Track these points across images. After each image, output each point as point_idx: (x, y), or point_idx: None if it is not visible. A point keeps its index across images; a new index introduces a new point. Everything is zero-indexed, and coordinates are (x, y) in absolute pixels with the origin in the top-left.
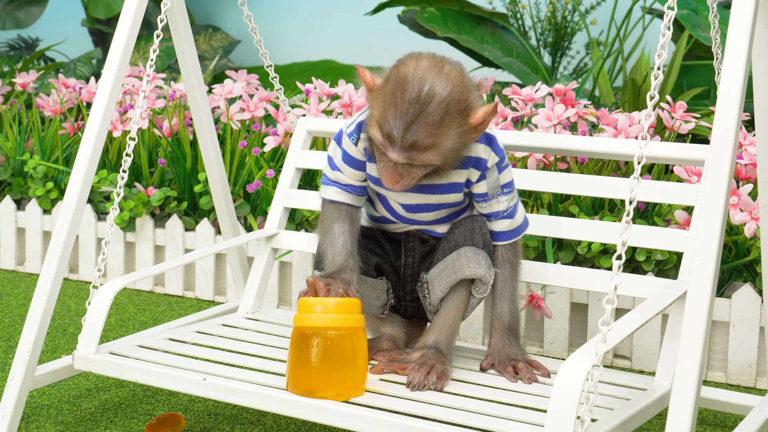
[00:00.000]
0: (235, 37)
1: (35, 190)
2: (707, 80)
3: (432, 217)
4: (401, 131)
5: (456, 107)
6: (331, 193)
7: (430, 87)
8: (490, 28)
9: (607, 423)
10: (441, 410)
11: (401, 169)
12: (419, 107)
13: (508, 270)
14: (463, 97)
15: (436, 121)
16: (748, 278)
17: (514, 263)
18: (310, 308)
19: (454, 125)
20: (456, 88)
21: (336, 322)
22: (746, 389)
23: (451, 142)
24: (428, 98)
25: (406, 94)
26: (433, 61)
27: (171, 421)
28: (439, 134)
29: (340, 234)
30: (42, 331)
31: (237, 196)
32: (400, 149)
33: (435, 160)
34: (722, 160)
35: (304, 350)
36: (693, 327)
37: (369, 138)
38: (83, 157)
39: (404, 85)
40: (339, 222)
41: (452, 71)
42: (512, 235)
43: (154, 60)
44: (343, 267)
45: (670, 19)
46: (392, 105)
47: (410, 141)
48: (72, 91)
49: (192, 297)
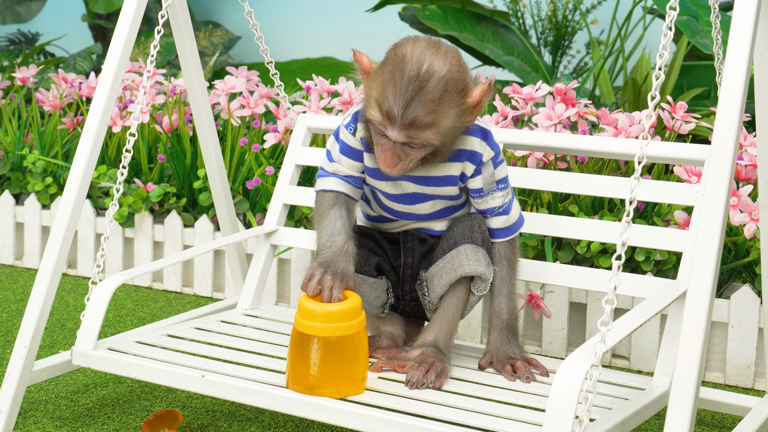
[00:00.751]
0: (235, 34)
1: (34, 185)
2: (708, 81)
3: (428, 209)
4: (401, 108)
5: (454, 86)
6: (329, 184)
7: (429, 65)
8: (491, 27)
9: (606, 423)
10: (439, 409)
11: (400, 151)
12: (419, 84)
13: (505, 267)
14: (461, 77)
15: (435, 98)
16: (747, 279)
17: (512, 260)
18: (311, 317)
19: (452, 104)
20: (454, 67)
21: (339, 332)
22: (744, 390)
23: (449, 121)
24: (427, 76)
25: (405, 73)
26: (430, 42)
27: (169, 418)
28: (439, 111)
29: (338, 217)
30: (40, 327)
31: (236, 193)
32: (400, 127)
33: (434, 139)
34: (723, 160)
35: (304, 348)
36: (692, 328)
37: (367, 121)
38: (83, 152)
39: (403, 64)
40: (336, 207)
41: (449, 52)
42: (509, 232)
43: (154, 56)
44: (342, 250)
45: (672, 20)
46: (391, 84)
47: (410, 118)
48: (72, 86)
49: (191, 293)
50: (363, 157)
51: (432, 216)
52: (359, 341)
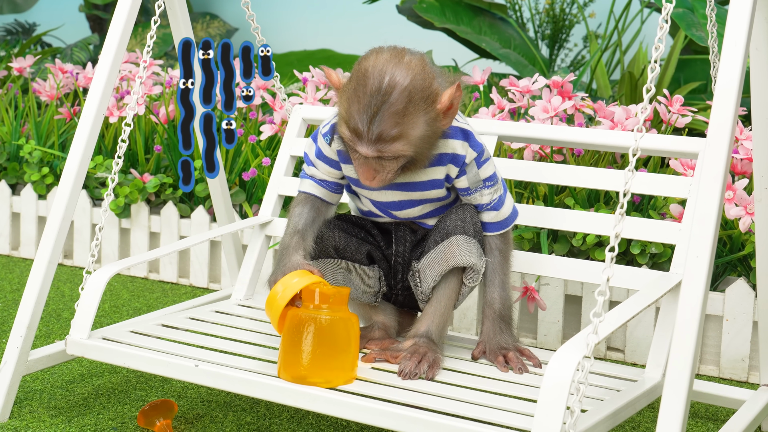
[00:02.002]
0: (232, 25)
1: (30, 175)
2: (704, 74)
3: (418, 212)
4: (366, 124)
5: (420, 95)
6: (305, 186)
7: (390, 77)
8: (488, 19)
9: (597, 414)
10: (432, 399)
11: (375, 164)
12: (381, 98)
13: (497, 258)
14: (426, 84)
15: (399, 111)
16: (742, 273)
17: (504, 251)
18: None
19: (420, 113)
20: (418, 76)
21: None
22: (738, 383)
23: (419, 130)
24: (390, 88)
25: (367, 87)
26: (392, 53)
27: (164, 408)
28: (405, 123)
29: (297, 215)
30: (36, 316)
31: (233, 184)
32: (368, 142)
33: (405, 150)
34: (719, 153)
35: (297, 335)
36: (687, 320)
37: (341, 137)
38: (79, 142)
39: (365, 79)
40: (299, 206)
41: (413, 60)
42: (500, 227)
43: (151, 46)
44: (289, 246)
45: (668, 12)
46: (356, 100)
47: (376, 133)
48: (69, 76)
49: (186, 284)
50: (338, 165)
51: (423, 216)
52: (351, 327)
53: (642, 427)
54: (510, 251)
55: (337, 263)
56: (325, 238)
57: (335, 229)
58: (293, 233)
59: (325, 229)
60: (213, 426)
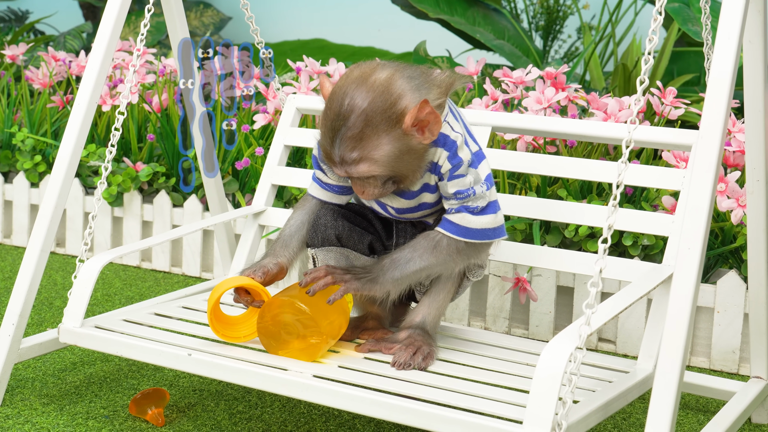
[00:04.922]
0: (226, 14)
1: (23, 163)
2: (698, 67)
3: (418, 216)
4: (330, 147)
5: (380, 116)
6: (311, 189)
7: (349, 101)
8: (482, 10)
9: (589, 404)
10: (425, 389)
11: (357, 182)
12: (341, 122)
13: (430, 243)
14: (388, 105)
15: (356, 135)
16: (733, 265)
17: (462, 251)
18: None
19: (381, 134)
20: (378, 98)
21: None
22: (729, 375)
23: (382, 151)
24: (347, 112)
25: (331, 110)
26: (361, 72)
27: (156, 396)
28: (364, 147)
29: (294, 222)
30: (28, 304)
31: (226, 173)
32: (336, 164)
33: (373, 170)
34: (711, 145)
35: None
36: (678, 311)
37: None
38: (72, 130)
39: (331, 101)
40: (298, 211)
41: (378, 80)
42: (458, 231)
43: (144, 35)
44: (271, 253)
45: (662, 4)
46: (323, 121)
47: (339, 156)
48: (62, 64)
49: (179, 273)
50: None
51: (423, 217)
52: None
53: (633, 417)
54: (463, 259)
55: (339, 251)
56: (329, 227)
57: (339, 217)
58: (277, 239)
59: (329, 218)
60: (205, 414)
